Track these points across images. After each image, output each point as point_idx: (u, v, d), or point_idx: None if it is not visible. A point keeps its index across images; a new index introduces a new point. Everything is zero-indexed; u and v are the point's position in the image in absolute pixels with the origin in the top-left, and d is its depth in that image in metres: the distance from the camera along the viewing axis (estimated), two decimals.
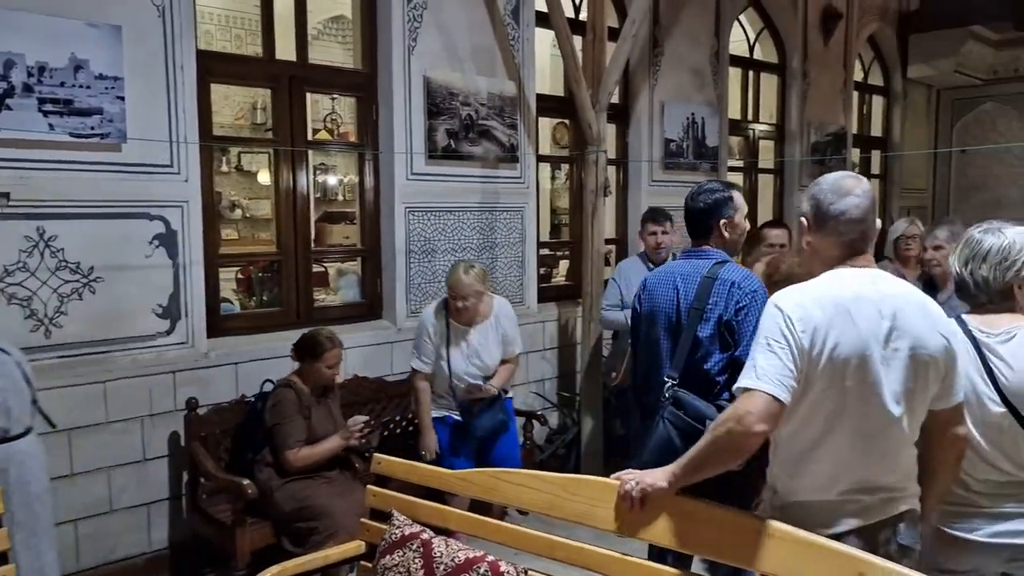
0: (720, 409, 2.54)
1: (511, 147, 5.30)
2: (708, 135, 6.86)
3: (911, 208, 9.72)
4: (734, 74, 7.49)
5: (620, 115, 6.34)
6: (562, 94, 6.02)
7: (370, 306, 4.89)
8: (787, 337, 1.95)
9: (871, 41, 9.28)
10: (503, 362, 4.18)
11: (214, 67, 4.27)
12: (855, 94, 9.08)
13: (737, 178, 7.73)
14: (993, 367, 2.23)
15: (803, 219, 2.16)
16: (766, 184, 8.03)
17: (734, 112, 7.49)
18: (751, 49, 7.72)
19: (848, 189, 2.08)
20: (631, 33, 4.85)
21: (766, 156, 8.05)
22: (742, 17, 7.50)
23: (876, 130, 9.75)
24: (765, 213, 7.77)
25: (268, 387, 3.87)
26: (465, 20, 5.06)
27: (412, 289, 4.92)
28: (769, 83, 7.96)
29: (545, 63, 6.90)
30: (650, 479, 2.07)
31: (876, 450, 2.01)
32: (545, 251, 6.67)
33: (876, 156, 9.68)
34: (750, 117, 7.74)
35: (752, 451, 1.96)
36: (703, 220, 3.01)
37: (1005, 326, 2.27)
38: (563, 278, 6.43)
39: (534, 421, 4.89)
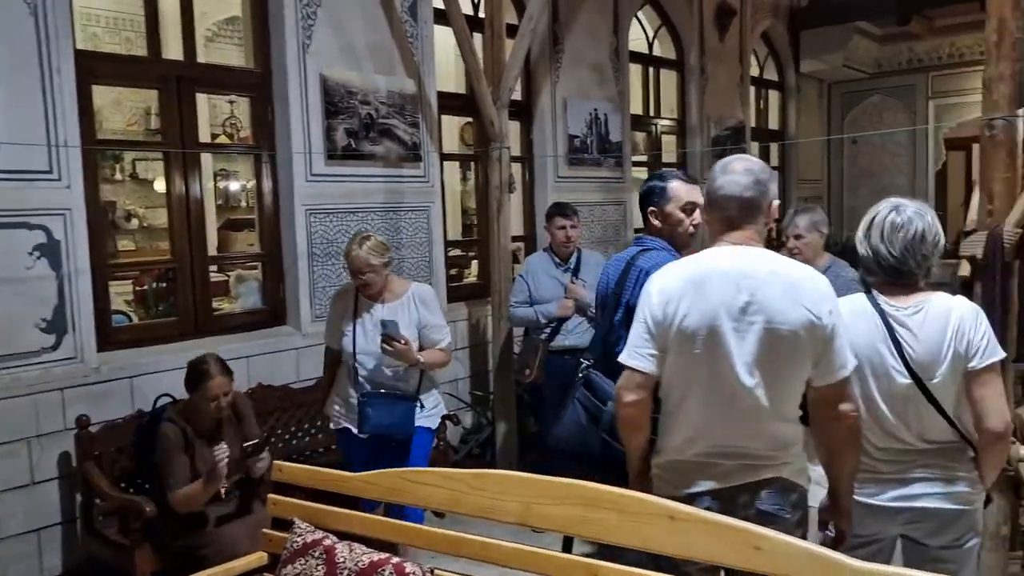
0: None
1: (413, 146, 5.24)
2: (611, 130, 6.94)
3: (808, 197, 10.07)
4: (635, 70, 7.60)
5: (523, 112, 6.35)
6: (466, 91, 6.00)
7: (273, 312, 4.75)
8: (647, 310, 2.16)
9: (765, 37, 9.57)
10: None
11: (96, 68, 4.07)
12: (752, 89, 9.35)
13: (642, 172, 7.86)
14: (901, 339, 2.29)
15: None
16: None
17: (636, 108, 7.61)
18: (650, 46, 7.85)
19: (732, 168, 2.18)
20: (529, 29, 4.86)
21: (669, 150, 8.20)
22: (640, 14, 7.62)
23: (773, 123, 10.06)
24: None
25: (164, 400, 3.65)
26: (361, 18, 4.97)
27: (316, 293, 4.80)
28: (669, 79, 8.12)
29: (450, 61, 6.86)
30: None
31: (732, 417, 2.11)
32: (457, 251, 6.64)
33: (774, 148, 9.98)
34: (652, 112, 7.87)
35: (637, 420, 2.21)
36: (641, 209, 3.07)
37: (914, 300, 2.33)
38: (476, 278, 6.41)
39: (447, 422, 4.83)
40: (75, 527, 3.82)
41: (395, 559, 2.22)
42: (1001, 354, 2.35)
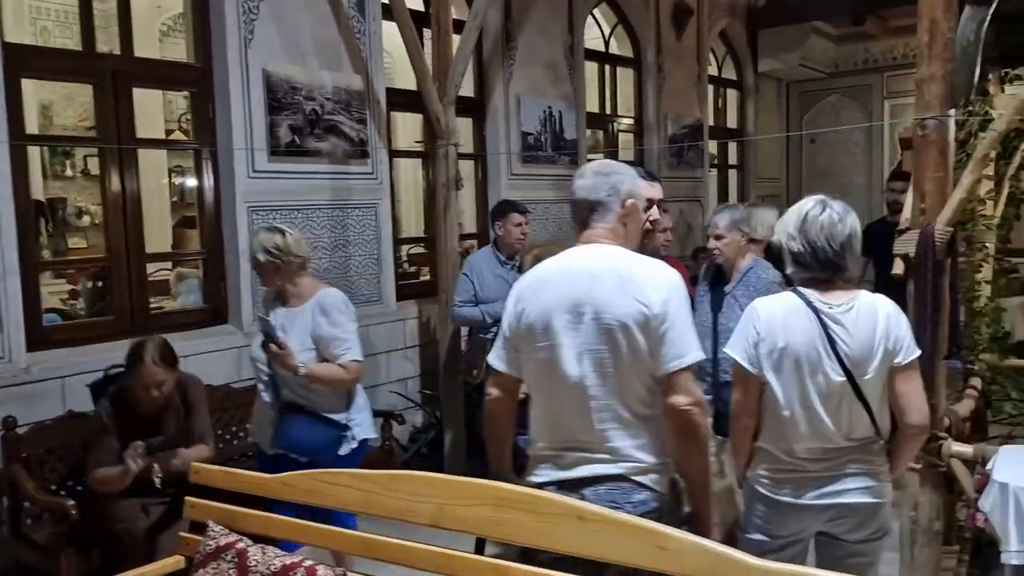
0: None
1: (361, 142, 5.18)
2: (566, 128, 6.93)
3: (766, 196, 10.13)
4: (591, 68, 7.60)
5: (476, 109, 6.32)
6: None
7: (214, 311, 4.67)
8: (507, 311, 2.28)
9: (723, 36, 9.61)
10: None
11: (27, 61, 3.97)
12: (710, 87, 9.39)
13: None
14: (835, 336, 2.31)
15: None
16: None
17: (593, 106, 7.61)
18: (606, 44, 7.85)
19: (583, 173, 2.29)
20: (476, 24, 4.83)
21: (626, 148, 8.21)
22: (596, 12, 7.62)
23: (732, 122, 10.10)
24: None
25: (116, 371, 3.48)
26: (306, 13, 4.91)
27: (259, 292, 4.71)
28: (626, 77, 8.12)
29: (404, 57, 6.79)
30: None
31: (569, 410, 2.15)
32: (419, 248, 6.61)
33: (732, 146, 10.04)
34: (609, 110, 7.87)
35: (497, 415, 2.35)
36: None
37: (845, 297, 2.35)
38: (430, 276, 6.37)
39: (392, 421, 4.79)
40: (0, 531, 3.73)
41: (308, 562, 2.18)
42: (918, 350, 2.40)
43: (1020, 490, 2.83)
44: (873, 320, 2.32)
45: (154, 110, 7.02)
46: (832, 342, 2.29)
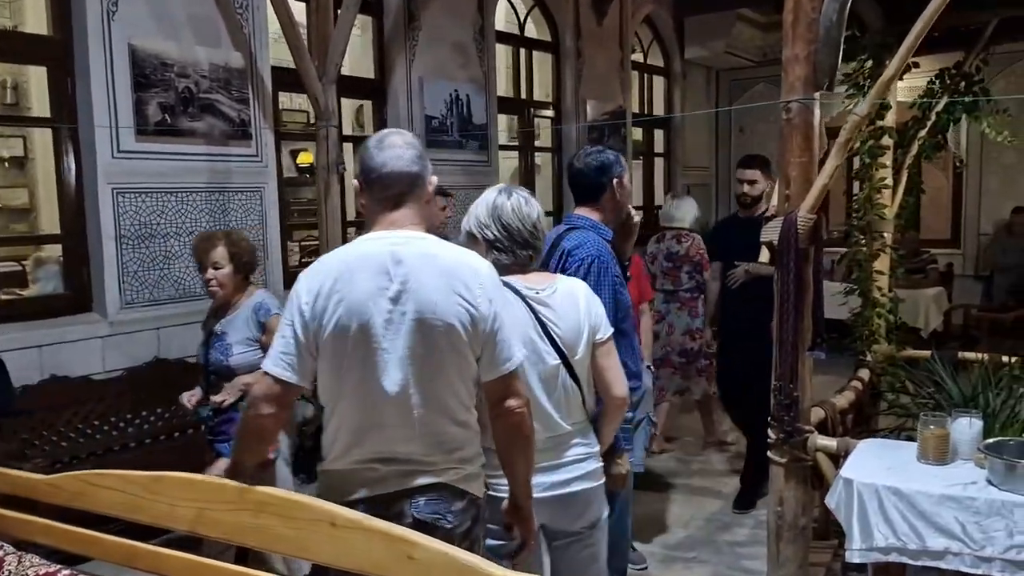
0: None
1: (242, 123, 4.96)
2: (475, 112, 6.75)
3: (694, 185, 10.08)
4: (505, 52, 7.43)
5: (376, 92, 6.12)
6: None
7: (75, 299, 4.43)
8: (294, 311, 1.92)
9: (650, 22, 9.49)
10: None
11: None
12: (636, 74, 9.28)
13: (513, 156, 7.72)
14: (545, 320, 2.28)
15: (356, 181, 2.05)
16: (545, 162, 8.06)
17: (507, 90, 7.44)
18: (522, 27, 7.68)
19: (391, 143, 2.00)
20: (354, 0, 4.62)
21: (544, 134, 8.07)
22: None
23: (659, 110, 10.00)
24: (544, 190, 7.79)
25: None
26: None
27: (127, 278, 4.50)
28: (544, 61, 7.97)
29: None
30: (216, 471, 1.91)
31: (387, 420, 1.93)
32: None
33: (660, 135, 9.95)
34: (524, 95, 7.70)
35: (267, 432, 1.98)
36: (596, 182, 2.98)
37: (546, 281, 2.36)
38: None
39: None
40: None
41: (66, 571, 2.01)
42: (612, 328, 2.48)
43: (864, 487, 2.75)
44: (575, 299, 2.36)
45: None
46: (544, 326, 2.28)
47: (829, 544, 3.98)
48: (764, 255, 3.40)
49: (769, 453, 3.32)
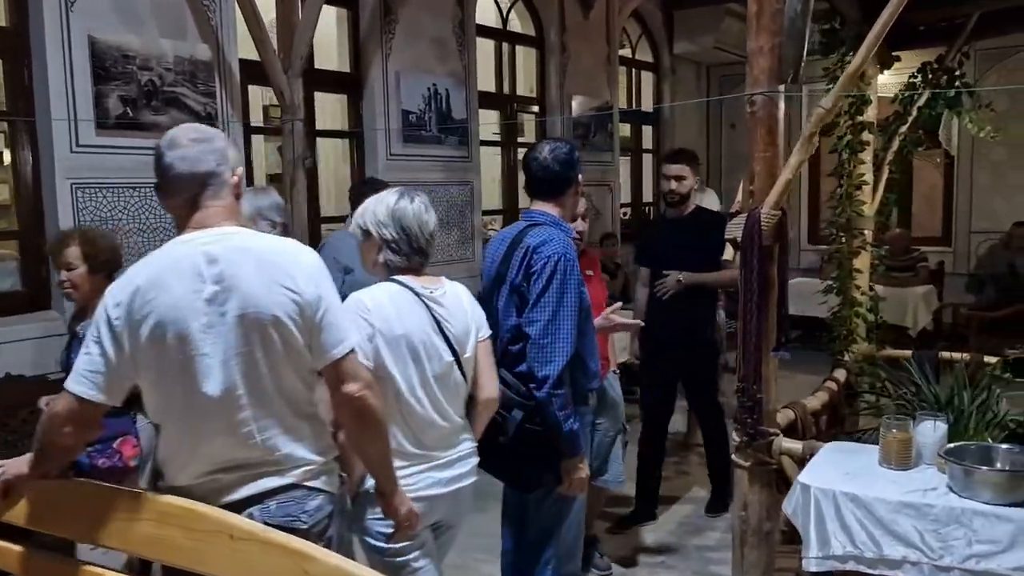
0: (509, 379, 2.64)
1: (208, 117, 4.85)
2: (455, 107, 6.65)
3: None
4: (488, 46, 7.32)
5: (352, 86, 6.02)
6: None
7: (33, 296, 4.34)
8: (102, 326, 1.81)
9: (638, 17, 9.38)
10: None
11: None
12: (624, 69, 9.16)
13: (496, 151, 7.62)
14: (439, 318, 2.32)
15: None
16: None
17: (489, 85, 7.33)
18: (504, 21, 7.57)
19: (179, 142, 1.94)
20: None
21: (528, 129, 7.96)
22: None
23: (648, 105, 9.89)
24: None
25: None
26: None
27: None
28: (528, 56, 7.86)
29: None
30: (14, 468, 1.89)
31: (219, 426, 1.84)
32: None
33: (649, 131, 9.84)
34: (507, 90, 7.60)
35: (75, 451, 1.98)
36: (562, 177, 2.94)
37: (436, 282, 2.41)
38: None
39: None
40: None
41: None
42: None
43: (821, 493, 2.66)
44: (462, 300, 2.44)
45: None
46: (439, 323, 2.31)
47: (796, 549, 3.88)
48: (728, 252, 3.31)
49: (733, 456, 3.23)
